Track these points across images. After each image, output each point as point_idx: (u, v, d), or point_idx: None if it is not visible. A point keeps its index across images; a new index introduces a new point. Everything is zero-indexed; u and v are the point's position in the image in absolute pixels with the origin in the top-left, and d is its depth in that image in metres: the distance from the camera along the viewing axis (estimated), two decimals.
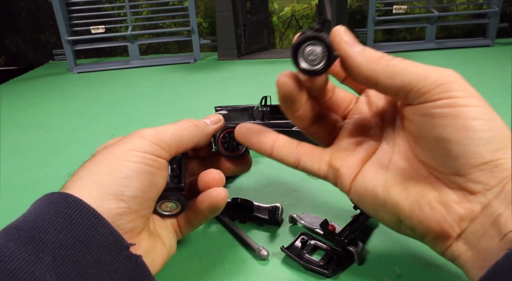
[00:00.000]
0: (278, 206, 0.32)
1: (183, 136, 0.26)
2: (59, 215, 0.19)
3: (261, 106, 0.48)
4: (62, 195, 0.20)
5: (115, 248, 0.20)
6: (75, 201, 0.20)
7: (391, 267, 0.27)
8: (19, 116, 0.68)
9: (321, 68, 0.22)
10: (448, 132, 0.20)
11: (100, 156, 0.23)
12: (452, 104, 0.20)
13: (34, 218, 0.19)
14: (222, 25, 0.98)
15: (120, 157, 0.23)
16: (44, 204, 0.20)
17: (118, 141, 0.25)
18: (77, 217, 0.19)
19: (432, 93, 0.21)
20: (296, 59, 0.23)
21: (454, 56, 0.90)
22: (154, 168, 0.23)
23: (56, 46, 1.11)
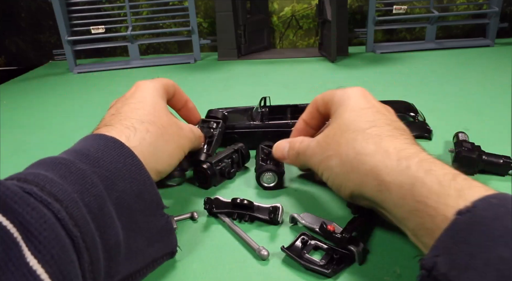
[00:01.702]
0: (278, 206, 0.32)
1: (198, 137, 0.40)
2: (126, 168, 0.25)
3: (260, 107, 0.48)
4: (130, 153, 0.26)
5: (156, 205, 0.26)
6: (139, 162, 0.26)
7: (391, 267, 0.27)
8: (19, 117, 0.68)
9: (274, 185, 0.38)
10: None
11: (167, 138, 0.31)
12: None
13: (109, 163, 0.25)
14: (222, 25, 0.98)
15: (176, 151, 0.33)
16: (115, 152, 0.26)
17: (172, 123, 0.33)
18: (137, 175, 0.25)
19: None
20: (259, 181, 0.38)
21: (454, 56, 0.90)
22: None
23: (56, 46, 1.11)
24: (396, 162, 0.25)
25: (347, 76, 0.79)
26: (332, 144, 0.29)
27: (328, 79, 0.78)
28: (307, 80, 0.78)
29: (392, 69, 0.82)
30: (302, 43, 1.15)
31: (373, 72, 0.81)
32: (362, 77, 0.77)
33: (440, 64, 0.85)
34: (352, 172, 0.27)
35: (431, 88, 0.68)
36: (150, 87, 0.33)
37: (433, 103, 0.59)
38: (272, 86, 0.75)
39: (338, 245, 0.28)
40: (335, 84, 0.74)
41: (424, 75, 0.77)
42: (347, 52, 0.97)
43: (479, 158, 0.37)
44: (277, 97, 0.55)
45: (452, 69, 0.80)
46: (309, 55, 1.00)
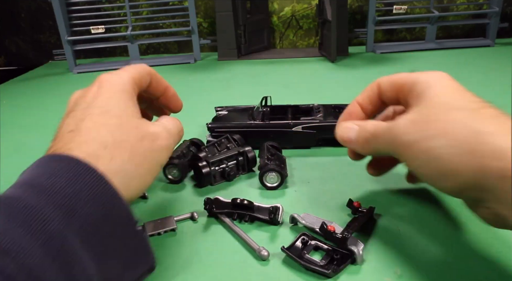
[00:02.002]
0: (278, 206, 0.32)
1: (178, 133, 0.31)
2: (87, 188, 0.21)
3: (261, 106, 0.48)
4: (90, 170, 0.22)
5: (127, 223, 0.22)
6: (100, 178, 0.22)
7: (392, 268, 0.27)
8: (19, 116, 0.67)
9: (277, 185, 0.38)
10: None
11: (136, 152, 0.25)
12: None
13: (65, 186, 0.21)
14: (222, 25, 0.98)
15: (151, 169, 0.26)
16: (72, 172, 0.21)
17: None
18: (101, 193, 0.21)
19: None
20: (262, 181, 0.38)
21: (454, 56, 0.90)
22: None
23: (56, 46, 1.11)
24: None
25: (347, 76, 0.79)
26: (435, 122, 0.24)
27: (328, 79, 0.78)
28: (307, 80, 0.78)
29: (392, 69, 0.82)
30: (302, 43, 1.15)
31: (373, 72, 0.81)
32: (362, 77, 0.77)
33: (440, 64, 0.85)
34: (469, 154, 0.22)
35: None
36: (116, 87, 0.27)
37: None
38: (272, 86, 0.75)
39: (339, 245, 0.28)
40: (335, 84, 0.74)
41: None
42: (347, 52, 0.97)
43: None
44: (277, 97, 0.55)
45: (452, 69, 0.80)
46: (309, 55, 1.00)
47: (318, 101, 0.52)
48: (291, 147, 0.46)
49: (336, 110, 0.50)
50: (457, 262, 0.27)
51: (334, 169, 0.41)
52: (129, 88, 0.28)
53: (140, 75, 0.30)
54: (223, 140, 0.42)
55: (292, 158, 0.44)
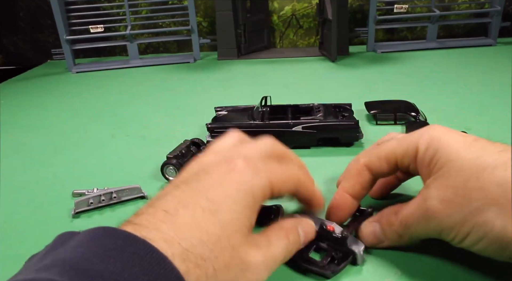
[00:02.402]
0: (280, 206, 0.32)
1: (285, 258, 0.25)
2: (144, 272, 0.18)
3: (261, 106, 0.48)
4: (148, 248, 0.18)
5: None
6: (161, 258, 0.18)
7: (392, 268, 0.27)
8: (18, 116, 0.67)
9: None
10: None
11: (215, 276, 0.20)
12: None
13: (119, 270, 0.17)
14: (222, 25, 0.97)
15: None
16: (127, 252, 0.18)
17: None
18: (162, 277, 0.18)
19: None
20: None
21: (455, 56, 0.90)
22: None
23: (54, 46, 1.10)
24: None
25: (348, 75, 0.79)
26: (472, 194, 0.22)
27: (329, 78, 0.78)
28: (308, 79, 0.78)
29: (393, 68, 0.82)
30: (302, 43, 1.14)
31: (374, 71, 0.81)
32: (363, 77, 0.77)
33: (441, 64, 0.84)
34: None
35: (432, 88, 0.67)
36: (245, 185, 0.22)
37: (434, 103, 0.59)
38: (272, 86, 0.75)
39: (338, 245, 0.28)
40: (336, 84, 0.73)
41: (425, 74, 0.76)
42: (347, 52, 0.97)
43: None
44: (278, 97, 0.54)
45: (454, 68, 0.79)
46: (309, 54, 0.99)
47: (318, 101, 0.52)
48: (291, 147, 0.46)
49: (336, 110, 0.50)
50: (457, 262, 0.27)
51: (334, 169, 0.41)
52: (259, 194, 0.23)
53: (283, 181, 0.25)
54: None
55: None
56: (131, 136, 0.54)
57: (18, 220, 0.36)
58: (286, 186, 0.25)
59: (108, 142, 0.52)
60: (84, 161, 0.47)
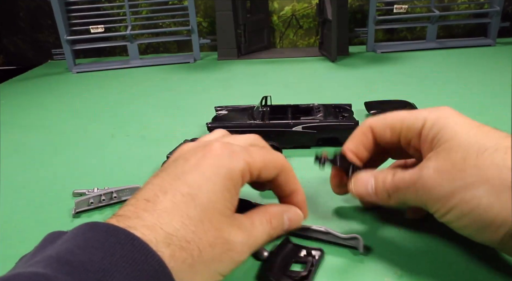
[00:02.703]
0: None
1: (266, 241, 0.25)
2: (125, 259, 0.18)
3: (261, 106, 0.48)
4: (129, 236, 0.19)
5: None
6: (142, 245, 0.19)
7: (392, 268, 0.27)
8: (18, 116, 0.67)
9: None
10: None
11: (201, 257, 0.21)
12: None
13: (100, 259, 0.18)
14: (222, 25, 0.97)
15: (208, 279, 0.22)
16: (109, 242, 0.19)
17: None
18: (143, 263, 0.18)
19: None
20: None
21: (455, 56, 0.90)
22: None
23: (55, 46, 1.11)
24: None
25: (348, 75, 0.79)
26: (468, 170, 0.22)
27: (329, 78, 0.78)
28: (308, 79, 0.78)
29: (392, 69, 0.82)
30: (302, 43, 1.15)
31: (373, 72, 0.81)
32: (363, 77, 0.77)
33: (441, 64, 0.84)
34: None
35: (432, 88, 0.67)
36: (222, 169, 0.23)
37: (434, 103, 0.59)
38: (272, 86, 0.75)
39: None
40: (336, 84, 0.74)
41: (425, 74, 0.76)
42: (347, 52, 0.97)
43: None
44: (278, 97, 0.54)
45: (453, 68, 0.80)
46: (309, 54, 1.00)
47: (318, 101, 0.52)
48: (291, 147, 0.46)
49: (336, 110, 0.50)
50: (458, 262, 0.27)
51: None
52: (237, 176, 0.23)
53: (263, 164, 0.25)
54: None
55: (292, 158, 0.43)
56: (131, 136, 0.54)
57: (18, 220, 0.36)
58: (268, 171, 0.25)
59: (108, 142, 0.52)
60: (84, 161, 0.47)
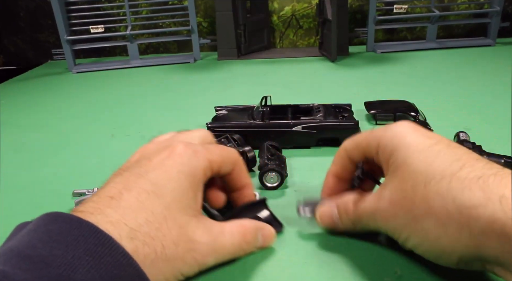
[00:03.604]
0: (255, 193, 0.33)
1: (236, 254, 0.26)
2: (88, 253, 0.18)
3: (261, 106, 0.48)
4: (92, 229, 0.19)
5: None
6: (106, 238, 0.19)
7: (392, 268, 0.27)
8: (18, 116, 0.67)
9: (277, 185, 0.37)
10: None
11: (164, 254, 0.21)
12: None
13: (63, 253, 0.18)
14: (222, 25, 0.97)
15: (171, 278, 0.22)
16: (72, 235, 0.19)
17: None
18: (106, 256, 0.18)
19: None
20: (262, 181, 0.37)
21: (455, 56, 0.90)
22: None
23: (55, 46, 1.11)
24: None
25: (348, 76, 0.79)
26: (416, 201, 0.23)
27: (329, 78, 0.78)
28: (308, 79, 0.78)
29: (392, 68, 0.82)
30: (302, 43, 1.15)
31: (373, 72, 0.81)
32: (363, 77, 0.77)
33: (441, 64, 0.84)
34: (461, 233, 0.21)
35: (432, 88, 0.67)
36: (186, 167, 0.23)
37: (434, 103, 0.59)
38: (272, 86, 0.75)
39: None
40: (336, 84, 0.74)
41: (425, 74, 0.76)
42: (347, 52, 0.97)
43: None
44: (278, 97, 0.54)
45: (453, 68, 0.80)
46: (309, 54, 1.00)
47: (318, 101, 0.52)
48: (291, 147, 0.46)
49: (336, 110, 0.50)
50: None
51: None
52: (199, 173, 0.24)
53: (221, 160, 0.26)
54: (222, 140, 0.42)
55: (292, 158, 0.43)
56: (131, 136, 0.54)
57: (18, 220, 0.36)
58: (226, 166, 0.27)
59: (108, 142, 0.52)
60: (84, 161, 0.47)
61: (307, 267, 0.27)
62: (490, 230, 0.20)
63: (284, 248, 0.29)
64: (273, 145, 0.42)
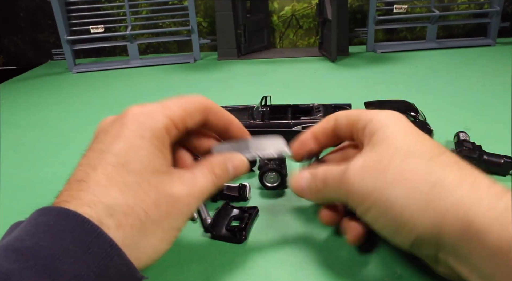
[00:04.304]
0: (246, 184, 0.36)
1: (212, 190, 0.25)
2: (75, 244, 0.18)
3: (261, 106, 0.48)
4: (79, 219, 0.19)
5: (128, 280, 0.19)
6: (93, 228, 0.19)
7: (391, 268, 0.27)
8: (18, 116, 0.67)
9: (277, 185, 0.37)
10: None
11: (149, 218, 0.21)
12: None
13: (49, 244, 0.18)
14: (222, 25, 0.97)
15: (165, 237, 0.22)
16: (59, 226, 0.19)
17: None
18: (93, 246, 0.18)
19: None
20: (262, 181, 0.37)
21: (455, 56, 0.90)
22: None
23: (55, 46, 1.11)
24: (493, 198, 0.19)
25: (348, 75, 0.79)
26: (391, 169, 0.22)
27: (329, 78, 0.78)
28: (308, 79, 0.78)
29: (392, 68, 0.82)
30: (302, 43, 1.15)
31: (373, 72, 0.81)
32: (363, 77, 0.77)
33: (441, 64, 0.84)
34: (426, 208, 0.20)
35: (432, 87, 0.67)
36: (144, 131, 0.22)
37: (434, 102, 0.59)
38: (272, 86, 0.75)
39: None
40: (336, 84, 0.74)
41: (424, 74, 0.76)
42: (347, 52, 0.97)
43: (480, 158, 0.37)
44: (277, 97, 0.54)
45: (453, 68, 0.80)
46: (309, 54, 1.00)
47: (318, 101, 0.52)
48: None
49: (336, 110, 0.50)
50: None
51: None
52: (161, 132, 0.23)
53: (184, 113, 0.24)
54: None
55: None
56: None
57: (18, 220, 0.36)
58: (192, 117, 0.25)
59: None
60: None
61: (307, 267, 0.27)
62: (453, 211, 0.20)
63: (284, 248, 0.29)
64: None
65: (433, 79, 0.72)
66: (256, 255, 0.29)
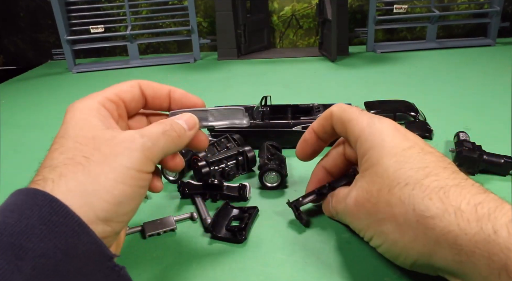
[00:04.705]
0: (246, 184, 0.36)
1: (169, 149, 0.25)
2: (42, 221, 0.18)
3: (261, 106, 0.48)
4: (47, 198, 0.19)
5: (98, 259, 0.19)
6: (61, 207, 0.19)
7: (392, 268, 0.27)
8: (18, 116, 0.67)
9: (277, 185, 0.38)
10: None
11: (91, 161, 0.21)
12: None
13: (16, 221, 0.18)
14: (222, 25, 0.97)
15: (117, 176, 0.21)
16: (26, 204, 0.19)
17: (106, 134, 0.23)
18: (61, 225, 0.18)
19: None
20: (262, 180, 0.38)
21: (455, 56, 0.90)
22: (145, 188, 0.23)
23: (55, 46, 1.11)
24: (476, 225, 0.20)
25: (348, 75, 0.79)
26: (380, 205, 0.24)
27: (329, 78, 0.78)
28: (308, 79, 0.78)
29: (392, 68, 0.82)
30: (302, 43, 1.15)
31: (373, 71, 0.81)
32: (363, 77, 0.77)
33: (441, 64, 0.84)
34: (416, 240, 0.22)
35: (432, 87, 0.67)
36: (78, 114, 0.24)
37: (434, 102, 0.59)
38: (272, 86, 0.75)
39: None
40: (336, 84, 0.74)
41: (424, 74, 0.76)
42: (347, 52, 0.97)
43: (480, 158, 0.37)
44: (277, 97, 0.54)
45: (453, 68, 0.80)
46: (309, 54, 1.00)
47: (318, 101, 0.52)
48: (291, 147, 0.46)
49: None
50: None
51: None
52: (97, 106, 0.24)
53: (117, 90, 0.27)
54: (222, 140, 0.42)
55: (292, 157, 0.43)
56: None
57: None
58: (128, 92, 0.27)
59: None
60: None
61: (307, 267, 0.28)
62: (443, 240, 0.21)
63: (284, 248, 0.29)
64: (273, 144, 0.42)
65: (433, 79, 0.72)
66: (256, 255, 0.29)
